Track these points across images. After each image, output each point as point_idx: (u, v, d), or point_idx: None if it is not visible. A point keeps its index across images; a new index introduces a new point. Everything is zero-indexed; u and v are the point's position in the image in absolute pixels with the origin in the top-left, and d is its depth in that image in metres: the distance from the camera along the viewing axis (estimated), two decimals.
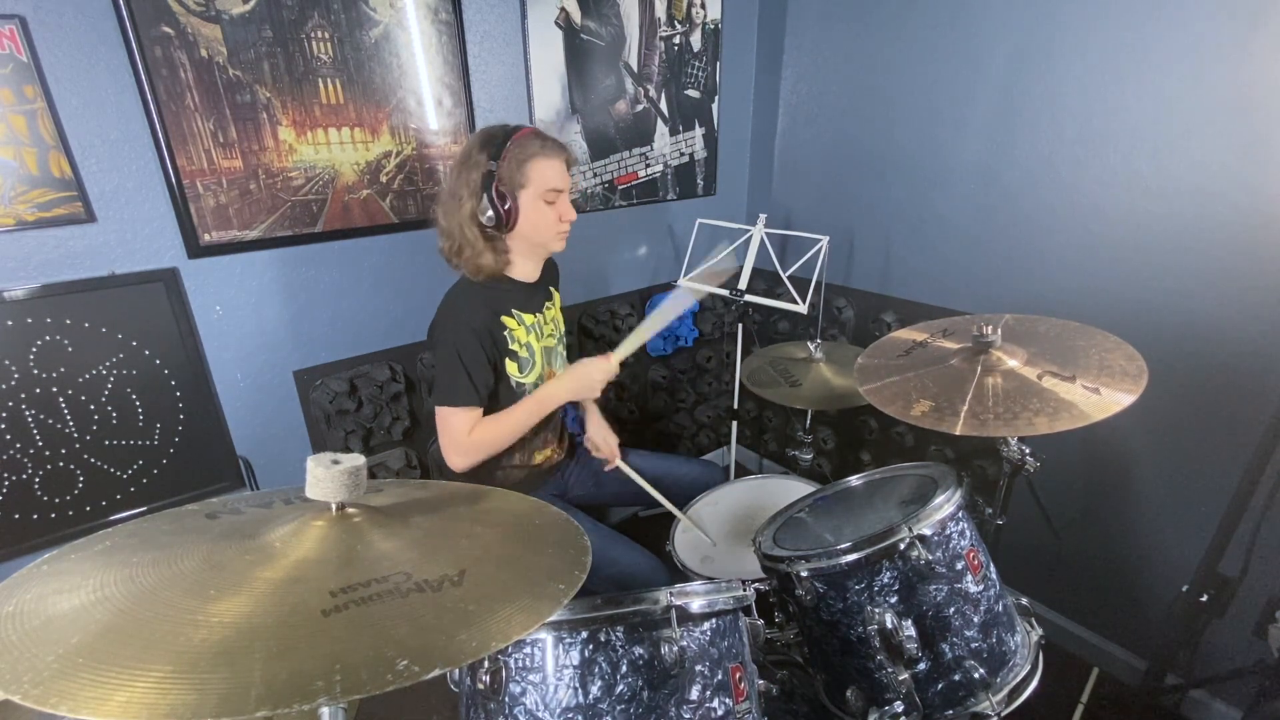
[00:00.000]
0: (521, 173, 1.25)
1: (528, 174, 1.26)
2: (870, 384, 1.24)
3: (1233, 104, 1.29)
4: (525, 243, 1.35)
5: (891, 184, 1.94)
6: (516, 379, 1.38)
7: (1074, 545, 1.75)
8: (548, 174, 1.27)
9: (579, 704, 0.81)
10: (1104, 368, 1.11)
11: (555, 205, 1.31)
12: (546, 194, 1.28)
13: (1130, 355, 1.13)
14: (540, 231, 1.32)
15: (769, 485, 1.68)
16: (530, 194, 1.27)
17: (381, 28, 1.47)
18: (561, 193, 1.31)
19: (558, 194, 1.30)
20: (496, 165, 1.24)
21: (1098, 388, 1.06)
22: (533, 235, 1.33)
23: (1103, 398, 1.04)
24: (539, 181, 1.27)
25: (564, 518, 0.83)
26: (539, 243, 1.36)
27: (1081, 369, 1.11)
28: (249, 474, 1.57)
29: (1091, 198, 1.53)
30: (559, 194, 1.30)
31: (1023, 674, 1.00)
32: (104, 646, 0.51)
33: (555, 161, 1.28)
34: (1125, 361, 1.12)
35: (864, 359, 1.34)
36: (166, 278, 1.36)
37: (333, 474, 0.68)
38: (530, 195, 1.27)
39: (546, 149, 1.27)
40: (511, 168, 1.25)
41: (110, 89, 1.23)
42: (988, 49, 1.63)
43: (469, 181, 1.27)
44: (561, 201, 1.31)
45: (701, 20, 2.04)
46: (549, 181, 1.28)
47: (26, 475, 1.31)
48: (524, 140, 1.26)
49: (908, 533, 0.96)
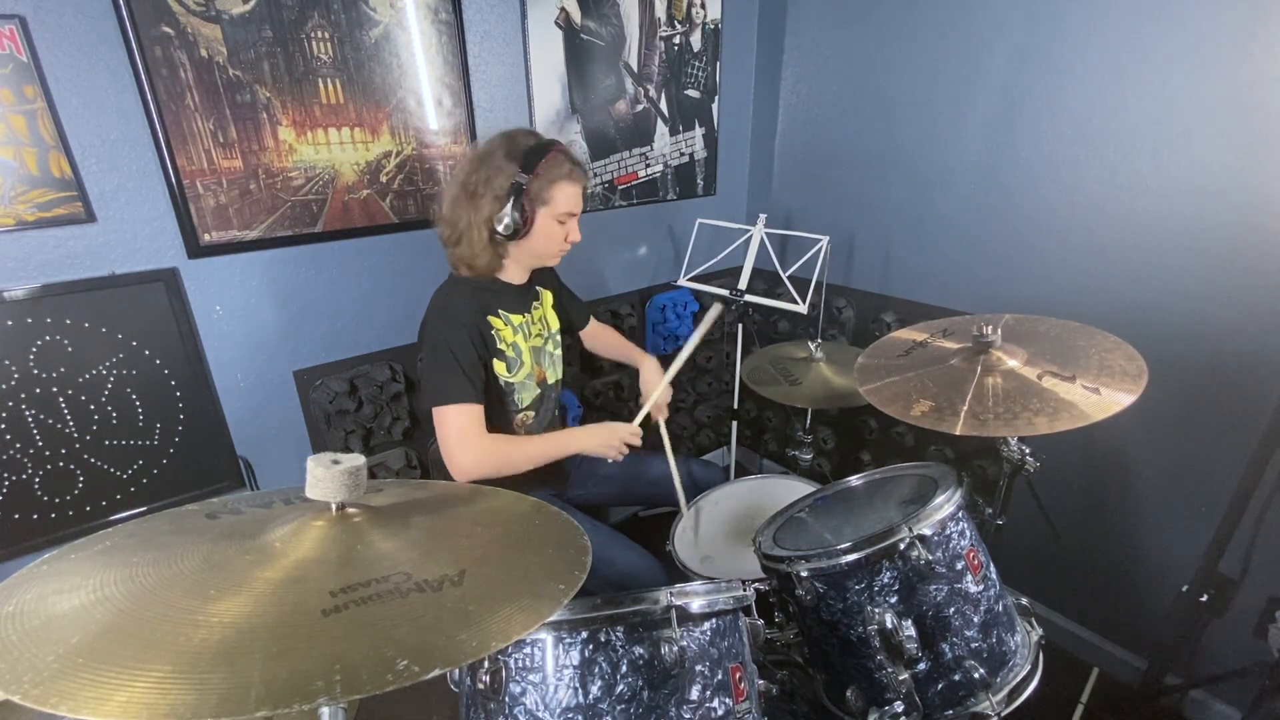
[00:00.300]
0: (548, 192, 1.29)
1: (553, 194, 1.30)
2: (870, 384, 1.24)
3: (1233, 104, 1.29)
4: (527, 254, 1.38)
5: (892, 184, 1.94)
6: (505, 379, 1.38)
7: (1074, 545, 1.75)
8: (571, 198, 1.33)
9: (579, 704, 0.81)
10: (1104, 368, 1.11)
11: (566, 226, 1.35)
12: (562, 215, 1.33)
13: (1130, 355, 1.13)
14: (546, 247, 1.37)
15: (769, 485, 1.68)
16: (548, 213, 1.31)
17: (381, 28, 1.47)
18: (575, 216, 1.36)
19: (571, 217, 1.35)
20: (527, 179, 1.27)
21: (1098, 388, 1.06)
22: (537, 249, 1.37)
23: (1103, 398, 1.04)
24: (560, 203, 1.32)
25: (564, 518, 0.83)
26: (539, 256, 1.40)
27: (1082, 369, 1.11)
28: (249, 474, 1.57)
29: (1092, 198, 1.53)
30: (572, 217, 1.35)
31: (1023, 674, 1.00)
32: (104, 646, 0.51)
33: (578, 187, 1.34)
34: (1125, 361, 1.12)
35: (864, 359, 1.34)
36: (166, 278, 1.36)
37: (333, 474, 0.68)
38: (548, 214, 1.32)
39: (574, 174, 1.32)
40: (541, 184, 1.28)
41: (110, 89, 1.22)
42: (988, 49, 1.63)
43: (493, 185, 1.28)
44: (572, 224, 1.37)
45: (701, 20, 2.04)
46: (569, 205, 1.33)
47: (26, 475, 1.30)
48: (556, 160, 1.29)
49: (908, 533, 0.96)
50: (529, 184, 1.27)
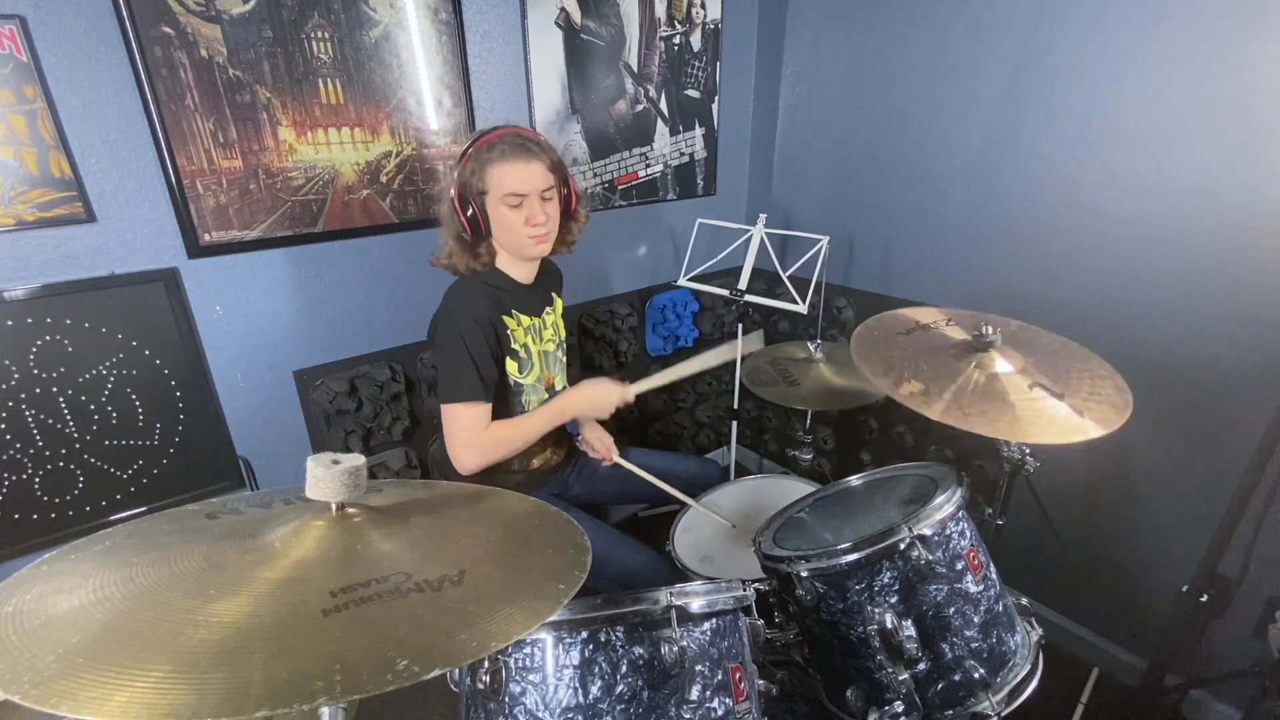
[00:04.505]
0: (480, 179, 1.25)
1: (486, 180, 1.25)
2: (866, 351, 1.25)
3: (1233, 104, 1.29)
4: (508, 249, 1.36)
5: (892, 184, 1.94)
6: (516, 378, 1.38)
7: (1074, 545, 1.75)
8: (507, 178, 1.24)
9: (579, 704, 0.81)
10: (1093, 393, 1.13)
11: (520, 209, 1.27)
12: (506, 198, 1.25)
13: (1120, 387, 1.16)
14: (509, 235, 1.30)
15: (769, 485, 1.68)
16: (491, 199, 1.26)
17: (381, 28, 1.47)
18: (525, 196, 1.26)
19: (520, 198, 1.25)
20: (464, 177, 1.26)
21: (1082, 411, 1.08)
22: (505, 240, 1.33)
23: (1083, 422, 1.06)
24: (497, 186, 1.25)
25: (564, 518, 0.83)
26: (512, 247, 1.34)
27: (1072, 390, 1.13)
28: (249, 474, 1.57)
29: (1092, 198, 1.52)
30: (522, 198, 1.25)
31: (1023, 674, 1.00)
32: (104, 646, 0.51)
33: (514, 165, 1.24)
34: (1114, 392, 1.14)
35: (863, 329, 1.33)
36: (166, 278, 1.36)
37: (333, 474, 0.68)
38: (492, 200, 1.26)
39: (506, 153, 1.23)
40: (473, 174, 1.25)
41: (110, 89, 1.22)
42: (988, 49, 1.63)
43: (445, 197, 1.30)
44: (527, 205, 1.26)
45: (701, 20, 2.04)
46: (506, 185, 1.24)
47: (26, 475, 1.30)
48: (485, 145, 1.25)
49: (908, 533, 0.96)
50: (461, 177, 1.26)
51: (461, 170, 1.26)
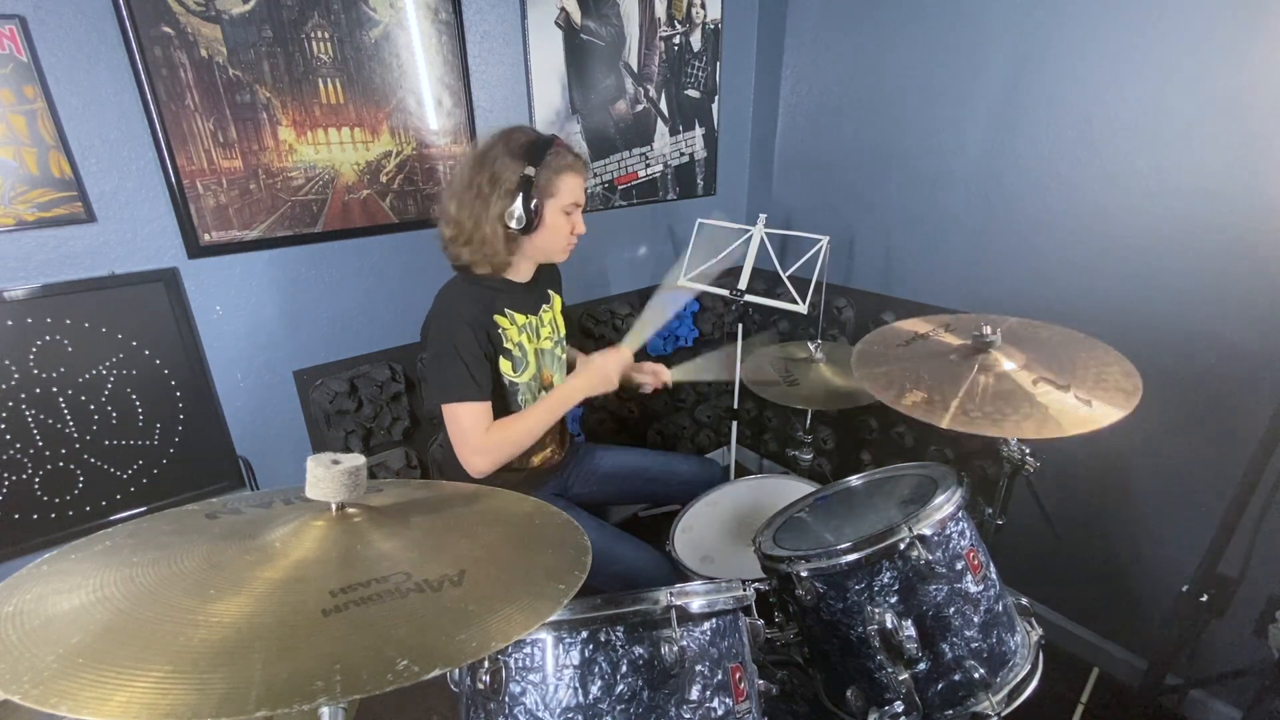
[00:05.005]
0: (554, 183, 1.30)
1: (558, 185, 1.30)
2: (867, 369, 1.25)
3: (1233, 104, 1.29)
4: (536, 249, 1.38)
5: (892, 183, 1.94)
6: (510, 378, 1.38)
7: (1074, 545, 1.75)
8: (575, 189, 1.33)
9: (579, 704, 0.81)
10: (1100, 381, 1.12)
11: (571, 218, 1.36)
12: (569, 206, 1.34)
13: (1128, 371, 1.14)
14: (554, 241, 1.37)
15: (769, 485, 1.68)
16: (555, 204, 1.32)
17: (381, 28, 1.47)
18: (579, 207, 1.36)
19: (576, 208, 1.36)
20: (534, 172, 1.27)
21: (1090, 400, 1.07)
22: (545, 244, 1.37)
23: (1094, 410, 1.05)
24: (567, 194, 1.32)
25: (564, 518, 0.83)
26: (548, 251, 1.40)
27: (1078, 379, 1.12)
28: (249, 474, 1.57)
29: (1092, 197, 1.52)
30: (577, 208, 1.36)
31: (1023, 674, 1.00)
32: (104, 646, 0.51)
33: (580, 179, 1.35)
34: (1121, 376, 1.12)
35: (864, 345, 1.34)
36: (166, 278, 1.36)
37: (333, 474, 0.68)
38: (555, 206, 1.32)
39: (576, 165, 1.33)
40: (547, 177, 1.29)
41: (110, 89, 1.22)
42: (988, 49, 1.63)
43: (501, 182, 1.28)
44: (577, 216, 1.37)
45: (701, 20, 2.04)
46: (574, 195, 1.33)
47: (26, 475, 1.30)
48: (559, 152, 1.30)
49: (908, 533, 0.96)
50: (536, 177, 1.27)
51: (540, 171, 1.27)
